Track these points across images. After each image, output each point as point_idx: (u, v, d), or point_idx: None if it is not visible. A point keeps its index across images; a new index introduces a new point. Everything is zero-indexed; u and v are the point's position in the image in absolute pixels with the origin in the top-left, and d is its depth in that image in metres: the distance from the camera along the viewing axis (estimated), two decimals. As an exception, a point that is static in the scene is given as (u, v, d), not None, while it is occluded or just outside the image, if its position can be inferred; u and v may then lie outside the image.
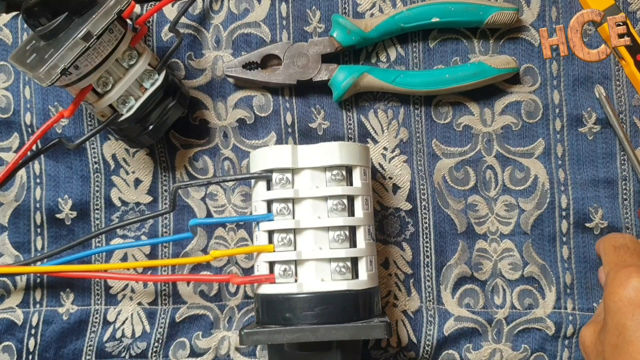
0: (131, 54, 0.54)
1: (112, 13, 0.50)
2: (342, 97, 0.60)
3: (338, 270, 0.52)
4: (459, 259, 0.61)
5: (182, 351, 0.62)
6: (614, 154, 0.61)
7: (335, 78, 0.60)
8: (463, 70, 0.60)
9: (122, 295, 0.62)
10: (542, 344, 0.60)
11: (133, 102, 0.55)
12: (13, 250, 0.62)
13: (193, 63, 0.62)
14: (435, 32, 0.61)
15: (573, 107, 0.61)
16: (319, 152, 0.53)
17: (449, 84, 0.59)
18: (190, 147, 0.62)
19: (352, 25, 0.59)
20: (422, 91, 0.60)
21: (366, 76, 0.60)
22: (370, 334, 0.50)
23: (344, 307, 0.51)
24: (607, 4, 0.59)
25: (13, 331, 0.62)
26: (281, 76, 0.60)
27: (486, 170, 0.61)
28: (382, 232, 0.61)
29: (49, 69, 0.49)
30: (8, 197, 0.62)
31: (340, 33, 0.60)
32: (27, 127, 0.62)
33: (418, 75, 0.60)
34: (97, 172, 0.62)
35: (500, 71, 0.59)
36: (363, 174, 0.54)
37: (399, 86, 0.59)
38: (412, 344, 0.61)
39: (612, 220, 0.60)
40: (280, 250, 0.53)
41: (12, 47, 0.62)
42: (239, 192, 0.62)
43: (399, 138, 0.61)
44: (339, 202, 0.52)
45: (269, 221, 0.53)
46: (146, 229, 0.62)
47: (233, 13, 0.62)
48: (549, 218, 0.61)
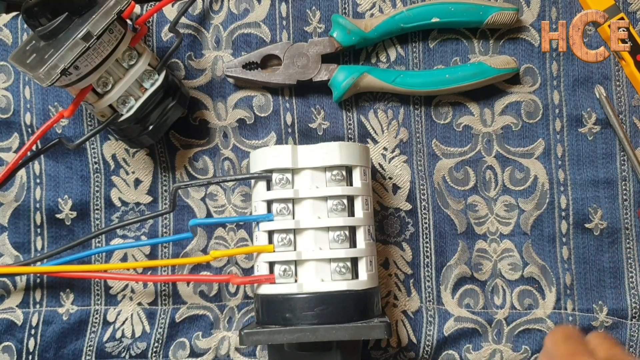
0: (131, 54, 0.54)
1: (112, 13, 0.50)
2: (342, 97, 0.60)
3: (338, 271, 0.52)
4: (459, 259, 0.61)
5: (182, 351, 0.62)
6: (614, 155, 0.61)
7: (335, 78, 0.60)
8: (463, 71, 0.60)
9: (122, 296, 0.62)
10: (542, 345, 0.60)
11: (133, 102, 0.55)
12: (13, 251, 0.62)
13: (193, 63, 0.62)
14: (435, 32, 0.61)
15: (573, 107, 0.61)
16: (319, 152, 0.53)
17: (448, 84, 0.59)
18: (190, 147, 0.62)
19: (352, 26, 0.59)
20: (422, 91, 0.60)
21: (366, 76, 0.60)
22: (370, 334, 0.50)
23: (344, 308, 0.51)
24: (607, 4, 0.59)
25: (13, 331, 0.62)
26: (281, 76, 0.60)
27: (486, 171, 0.61)
28: (382, 232, 0.61)
29: (49, 69, 0.49)
30: (8, 197, 0.62)
31: (340, 33, 0.60)
32: (27, 127, 0.62)
33: (418, 75, 0.60)
34: (97, 172, 0.62)
35: (500, 71, 0.59)
36: (363, 174, 0.54)
37: (399, 86, 0.59)
38: (412, 344, 0.61)
39: (612, 221, 0.60)
40: (280, 250, 0.53)
41: (12, 47, 0.62)
42: (239, 192, 0.62)
43: (398, 138, 0.61)
44: (339, 202, 0.52)
45: (269, 221, 0.53)
46: (146, 229, 0.62)
47: (233, 13, 0.62)
48: (548, 218, 0.61)
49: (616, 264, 0.60)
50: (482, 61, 0.60)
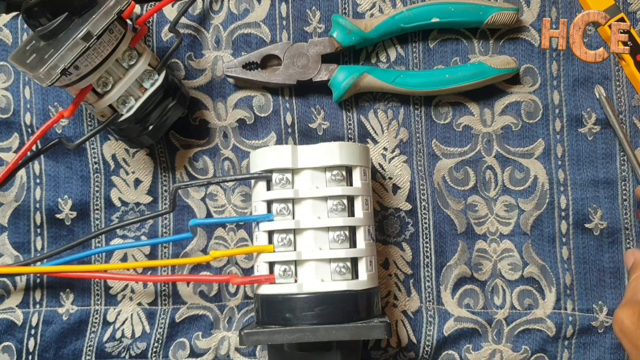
0: (131, 54, 0.54)
1: (112, 13, 0.50)
2: (342, 97, 0.60)
3: (338, 271, 0.52)
4: (459, 259, 0.61)
5: (182, 351, 0.62)
6: (614, 155, 0.61)
7: (335, 78, 0.60)
8: (463, 71, 0.60)
9: (122, 296, 0.62)
10: (542, 345, 0.60)
11: (133, 102, 0.55)
12: (13, 251, 0.62)
13: (193, 63, 0.62)
14: (435, 33, 0.61)
15: (573, 107, 0.61)
16: (318, 153, 0.53)
17: (449, 84, 0.59)
18: (190, 147, 0.62)
19: (352, 26, 0.59)
20: (422, 91, 0.60)
21: (366, 76, 0.60)
22: (370, 334, 0.50)
23: (343, 308, 0.51)
24: (607, 4, 0.59)
25: (13, 331, 0.62)
26: (281, 76, 0.60)
27: (486, 171, 0.61)
28: (382, 232, 0.61)
29: (49, 69, 0.49)
30: (8, 197, 0.62)
31: (340, 33, 0.60)
32: (27, 127, 0.62)
33: (418, 75, 0.60)
34: (97, 173, 0.62)
35: (500, 71, 0.59)
36: (363, 174, 0.54)
37: (399, 86, 0.59)
38: (412, 344, 0.61)
39: (612, 221, 0.60)
40: (280, 250, 0.53)
41: (12, 47, 0.62)
42: (239, 192, 0.62)
43: (398, 138, 0.61)
44: (338, 203, 0.52)
45: (268, 221, 0.53)
46: (146, 229, 0.62)
47: (233, 13, 0.62)
48: (548, 218, 0.61)
49: (616, 264, 0.60)
50: (482, 61, 0.60)
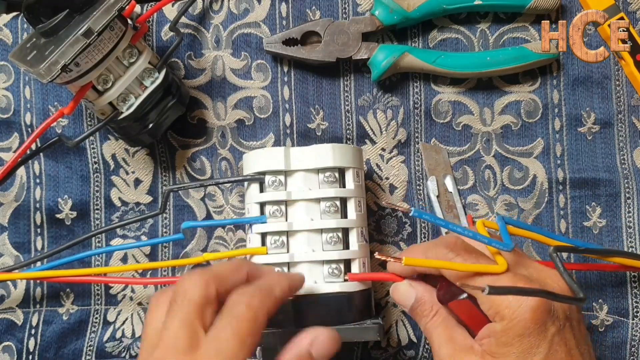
0: (131, 52, 0.54)
1: (113, 10, 0.50)
2: (382, 76, 0.59)
3: (331, 272, 0.52)
4: (459, 258, 0.61)
5: (181, 351, 0.61)
6: (613, 154, 0.61)
7: (376, 57, 0.59)
8: (504, 54, 0.59)
9: (122, 296, 0.62)
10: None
11: (133, 100, 0.55)
12: (13, 251, 0.62)
13: (193, 63, 0.62)
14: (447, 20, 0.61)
15: (572, 106, 0.61)
16: (311, 154, 0.53)
17: (489, 66, 0.59)
18: (188, 147, 0.62)
19: (395, 5, 0.59)
20: (462, 73, 0.59)
21: (407, 56, 0.59)
22: (363, 336, 0.51)
23: (336, 309, 0.52)
24: (607, 3, 0.60)
25: (13, 331, 0.62)
26: (321, 53, 0.60)
27: (485, 170, 0.61)
28: (379, 232, 0.61)
29: (49, 65, 0.49)
30: (8, 197, 0.62)
31: (383, 12, 0.59)
32: (27, 127, 0.62)
33: (459, 57, 0.60)
34: (97, 172, 0.62)
35: (541, 56, 0.59)
36: (356, 176, 0.54)
37: (440, 67, 0.59)
38: (412, 343, 0.61)
39: (610, 220, 0.60)
40: (273, 252, 0.53)
41: (12, 47, 0.62)
42: (237, 192, 0.62)
43: (397, 139, 0.61)
44: (331, 204, 0.52)
45: (261, 223, 0.53)
46: (146, 229, 0.62)
47: (233, 13, 0.62)
48: (547, 217, 0.61)
49: (616, 263, 0.60)
50: (524, 46, 0.60)
